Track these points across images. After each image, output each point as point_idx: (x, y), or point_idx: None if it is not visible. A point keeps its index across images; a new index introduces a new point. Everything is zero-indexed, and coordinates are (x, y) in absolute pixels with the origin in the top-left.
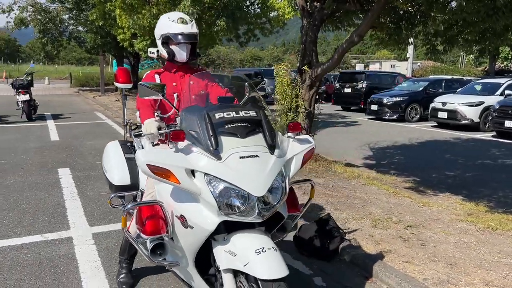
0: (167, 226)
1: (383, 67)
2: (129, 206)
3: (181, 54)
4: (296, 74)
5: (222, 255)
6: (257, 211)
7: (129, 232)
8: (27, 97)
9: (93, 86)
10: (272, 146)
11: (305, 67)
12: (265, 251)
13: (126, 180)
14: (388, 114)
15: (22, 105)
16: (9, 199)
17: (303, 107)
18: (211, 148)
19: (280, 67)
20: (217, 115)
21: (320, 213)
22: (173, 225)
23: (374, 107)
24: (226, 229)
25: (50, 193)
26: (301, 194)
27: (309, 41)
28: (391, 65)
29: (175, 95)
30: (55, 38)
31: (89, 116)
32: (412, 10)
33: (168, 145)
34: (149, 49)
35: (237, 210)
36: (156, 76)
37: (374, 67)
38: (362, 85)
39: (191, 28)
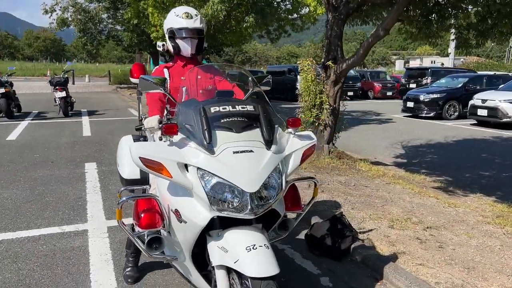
0: (164, 220)
1: (424, 63)
2: (124, 199)
3: (186, 49)
4: (322, 70)
5: (215, 251)
6: (249, 207)
7: (125, 225)
8: (63, 94)
9: (130, 84)
10: (269, 142)
11: (329, 63)
12: (256, 248)
13: (136, 174)
14: (425, 112)
15: (59, 102)
16: (35, 192)
17: (327, 103)
18: (204, 143)
19: (304, 63)
20: (212, 109)
21: (335, 211)
22: (170, 219)
23: (410, 104)
24: (222, 225)
25: (74, 187)
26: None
27: (334, 35)
28: (432, 61)
29: (183, 89)
30: (94, 37)
31: (123, 113)
32: (442, 1)
33: (163, 138)
34: (157, 43)
35: (229, 206)
36: (165, 71)
37: (414, 63)
38: (427, 80)
39: (194, 23)
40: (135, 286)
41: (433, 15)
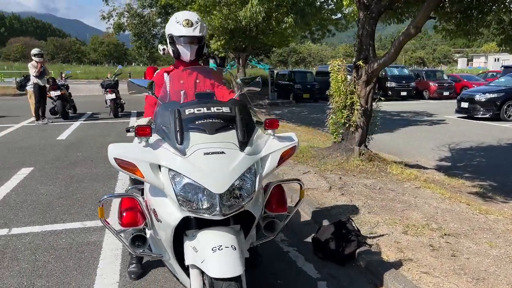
0: (146, 219)
1: (488, 61)
2: (104, 197)
3: (186, 54)
4: (353, 70)
5: (189, 251)
6: (218, 208)
7: (108, 223)
8: (113, 95)
9: None
10: (243, 143)
11: (360, 62)
12: (222, 249)
13: None
14: (481, 112)
15: (109, 103)
16: (69, 188)
17: (358, 104)
18: (176, 144)
19: (334, 63)
20: (187, 111)
21: (349, 215)
22: (151, 219)
23: (464, 104)
24: (199, 225)
25: (105, 184)
26: (342, 196)
27: (366, 34)
28: (495, 59)
29: (182, 92)
30: (148, 41)
31: None
32: None
33: (137, 140)
34: (159, 46)
35: (198, 207)
36: (165, 75)
37: (478, 61)
38: None
39: (194, 31)
40: (135, 281)
41: (473, 11)
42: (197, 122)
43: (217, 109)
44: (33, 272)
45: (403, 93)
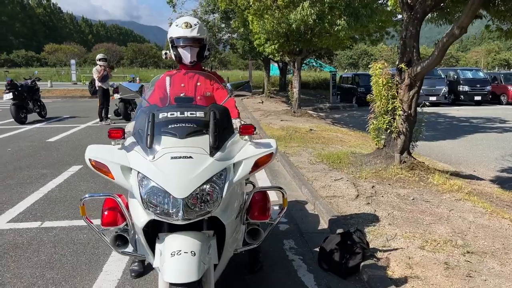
0: (126, 219)
1: None
2: (86, 196)
3: (186, 56)
4: (396, 73)
5: (157, 254)
6: (181, 213)
7: (91, 222)
8: None
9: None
10: (214, 148)
11: (402, 65)
12: (180, 254)
13: None
14: None
15: None
16: (107, 186)
17: (401, 109)
18: (146, 147)
19: (376, 66)
20: (160, 115)
21: (367, 225)
22: (131, 219)
23: None
24: (171, 228)
25: None
26: (366, 204)
27: (409, 36)
28: None
29: (181, 95)
30: (213, 45)
31: None
32: None
33: (112, 142)
34: (163, 51)
35: (161, 210)
36: (167, 78)
37: None
38: None
39: (191, 32)
40: (135, 279)
41: None
42: (169, 126)
43: (190, 114)
44: (48, 264)
45: (477, 98)
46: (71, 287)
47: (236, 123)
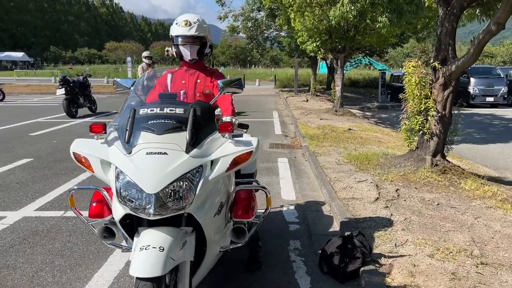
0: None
1: None
2: (74, 188)
3: (186, 54)
4: (431, 72)
5: (133, 247)
6: (152, 208)
7: (80, 213)
8: None
9: (292, 87)
10: (191, 145)
11: (436, 63)
12: (148, 249)
13: None
14: None
15: None
16: None
17: (434, 109)
18: (124, 142)
19: (409, 64)
20: (141, 111)
21: (380, 229)
22: None
23: None
24: (150, 223)
25: None
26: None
27: (445, 33)
28: None
29: (181, 92)
30: (260, 43)
31: (264, 115)
32: None
33: (95, 136)
34: (166, 48)
35: (134, 205)
36: (169, 75)
37: None
38: None
39: (189, 30)
40: None
41: None
42: (149, 122)
43: (170, 110)
44: (60, 252)
45: None
46: (74, 275)
47: (226, 120)
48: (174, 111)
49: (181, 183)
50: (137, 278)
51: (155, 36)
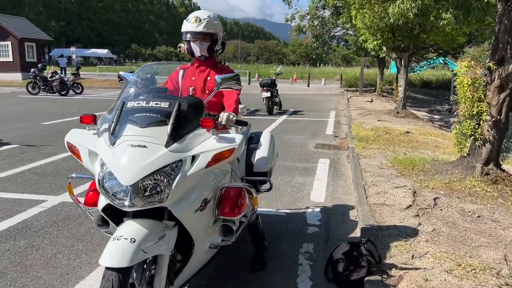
0: None
1: None
2: (73, 175)
3: (196, 50)
4: (487, 73)
5: None
6: (128, 200)
7: (78, 200)
8: (268, 94)
9: (357, 87)
10: (171, 139)
11: (491, 64)
12: (119, 239)
13: None
14: None
15: (265, 101)
16: None
17: (488, 113)
18: (109, 134)
19: (461, 64)
20: (129, 104)
21: (400, 239)
22: None
23: None
24: (135, 215)
25: None
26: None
27: (503, 30)
28: None
29: (190, 88)
30: (326, 41)
31: (321, 114)
32: None
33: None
34: (179, 44)
35: (113, 196)
36: (181, 71)
37: None
38: None
39: (198, 27)
40: None
41: None
42: (135, 115)
43: (155, 104)
44: (82, 237)
45: None
46: (87, 260)
47: (223, 116)
48: (159, 105)
49: (158, 176)
50: (106, 267)
51: (230, 35)
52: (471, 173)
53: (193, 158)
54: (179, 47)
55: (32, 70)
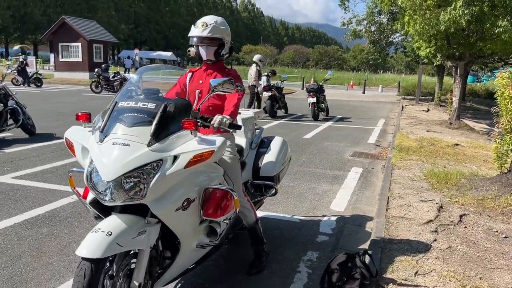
0: None
1: None
2: (74, 169)
3: (202, 54)
4: None
5: None
6: (108, 195)
7: (79, 193)
8: (314, 99)
9: (414, 95)
10: (154, 139)
11: None
12: (97, 232)
13: None
14: None
15: (310, 107)
16: None
17: None
18: (100, 131)
19: (502, 75)
20: (120, 104)
21: (408, 254)
22: None
23: None
24: (121, 210)
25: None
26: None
27: None
28: None
29: (197, 91)
30: (383, 48)
31: (369, 122)
32: None
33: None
34: (188, 48)
35: (96, 191)
36: (189, 74)
37: None
38: None
39: (203, 31)
40: None
41: None
42: (125, 115)
43: (142, 105)
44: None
45: None
46: None
47: (216, 119)
48: (146, 106)
49: (139, 174)
50: (82, 258)
51: (291, 39)
52: (509, 190)
53: (175, 158)
54: (189, 51)
55: (96, 70)
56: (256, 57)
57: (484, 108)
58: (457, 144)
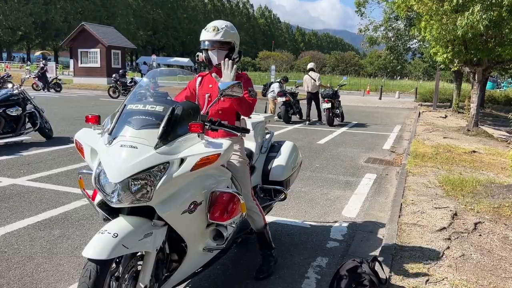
0: None
1: None
2: (83, 171)
3: (213, 59)
4: None
5: None
6: (115, 197)
7: (88, 194)
8: (329, 105)
9: (431, 102)
10: (162, 142)
11: None
12: (103, 233)
13: None
14: None
15: (325, 112)
16: None
17: None
18: (108, 134)
19: None
20: (128, 107)
21: (419, 262)
22: None
23: None
24: (129, 212)
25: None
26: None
27: None
28: None
29: (206, 95)
30: (401, 54)
31: (384, 128)
32: None
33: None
34: (197, 53)
35: (103, 192)
36: (199, 79)
37: None
38: None
39: (215, 36)
40: None
41: None
42: (133, 117)
43: (150, 108)
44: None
45: None
46: None
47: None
48: (154, 109)
49: (146, 176)
50: (88, 259)
51: (308, 46)
52: None
53: (182, 161)
54: (197, 55)
55: (114, 75)
56: (310, 65)
57: (503, 115)
58: (474, 151)
